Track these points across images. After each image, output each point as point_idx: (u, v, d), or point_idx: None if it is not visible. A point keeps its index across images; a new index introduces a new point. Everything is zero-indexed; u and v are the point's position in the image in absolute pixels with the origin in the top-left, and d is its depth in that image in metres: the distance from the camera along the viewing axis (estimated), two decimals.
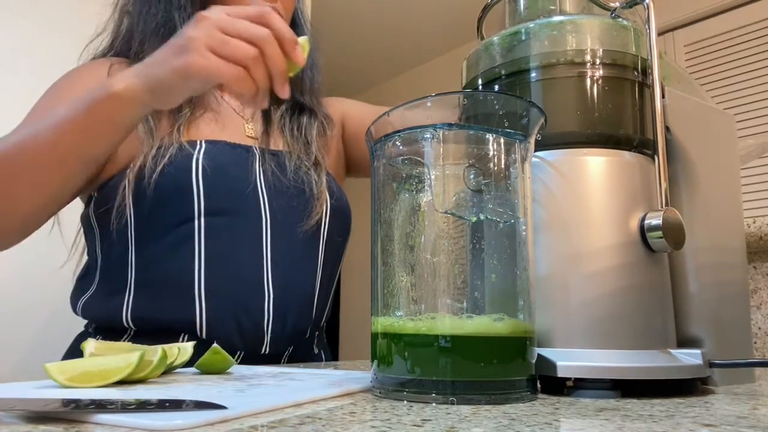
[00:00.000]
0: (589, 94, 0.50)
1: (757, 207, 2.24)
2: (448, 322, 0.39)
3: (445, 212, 0.41)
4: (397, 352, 0.40)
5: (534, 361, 0.41)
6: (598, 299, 0.45)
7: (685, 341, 0.48)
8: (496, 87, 0.54)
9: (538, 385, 0.43)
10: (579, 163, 0.48)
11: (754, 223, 1.04)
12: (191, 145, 0.74)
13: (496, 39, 0.55)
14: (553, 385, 0.44)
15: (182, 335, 0.72)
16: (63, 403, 0.32)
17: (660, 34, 2.42)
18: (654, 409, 0.37)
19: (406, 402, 0.38)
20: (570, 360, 0.43)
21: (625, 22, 0.53)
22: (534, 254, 0.45)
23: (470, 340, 0.38)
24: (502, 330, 0.39)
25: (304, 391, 0.41)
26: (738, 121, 0.83)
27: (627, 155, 0.49)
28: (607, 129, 0.50)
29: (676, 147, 0.51)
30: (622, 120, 0.50)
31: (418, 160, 0.42)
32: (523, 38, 0.53)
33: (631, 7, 0.53)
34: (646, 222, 0.46)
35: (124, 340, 0.73)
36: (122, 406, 0.32)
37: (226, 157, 0.75)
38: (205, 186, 0.72)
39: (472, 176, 0.42)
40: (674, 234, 0.46)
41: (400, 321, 0.41)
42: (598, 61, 0.51)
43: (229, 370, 0.56)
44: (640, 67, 0.52)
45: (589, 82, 0.50)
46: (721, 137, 0.56)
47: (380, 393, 0.41)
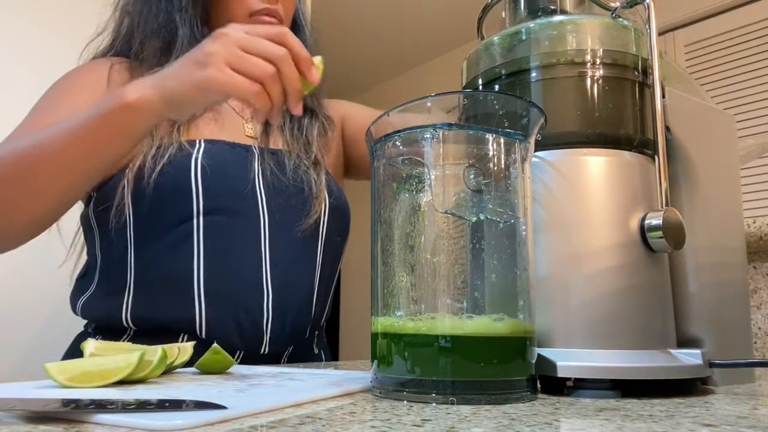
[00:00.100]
0: (590, 94, 0.50)
1: (757, 207, 2.24)
2: (448, 322, 0.39)
3: (445, 212, 0.41)
4: (397, 352, 0.40)
5: (534, 361, 0.41)
6: (598, 299, 0.45)
7: (685, 341, 0.48)
8: (496, 87, 0.54)
9: (538, 385, 0.43)
10: (579, 163, 0.48)
11: (754, 223, 1.04)
12: (190, 145, 0.74)
13: (496, 39, 0.55)
14: (553, 385, 0.44)
15: (182, 335, 0.72)
16: (63, 403, 0.32)
17: (660, 34, 2.40)
18: (654, 409, 0.37)
19: (406, 402, 0.38)
20: (570, 360, 0.43)
21: (625, 22, 0.53)
22: (534, 254, 0.45)
23: (470, 340, 0.38)
24: (502, 330, 0.39)
25: (304, 391, 0.41)
26: (738, 121, 0.83)
27: (627, 155, 0.49)
28: (608, 129, 0.50)
29: (676, 147, 0.51)
30: (623, 120, 0.50)
31: (418, 160, 0.42)
32: (524, 38, 0.53)
33: (631, 7, 0.53)
34: (647, 222, 0.46)
35: (124, 340, 0.73)
36: (122, 406, 0.32)
37: (226, 157, 0.75)
38: (204, 185, 0.72)
39: (472, 176, 0.42)
40: (674, 234, 0.46)
41: (400, 321, 0.41)
42: (598, 61, 0.51)
43: (229, 370, 0.56)
44: (640, 67, 0.52)
45: (589, 82, 0.50)
46: (721, 137, 0.56)
47: (380, 393, 0.41)
